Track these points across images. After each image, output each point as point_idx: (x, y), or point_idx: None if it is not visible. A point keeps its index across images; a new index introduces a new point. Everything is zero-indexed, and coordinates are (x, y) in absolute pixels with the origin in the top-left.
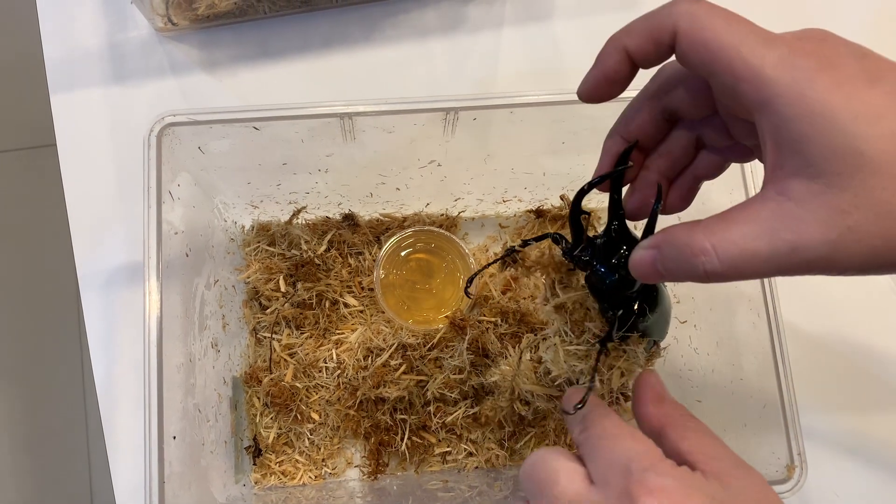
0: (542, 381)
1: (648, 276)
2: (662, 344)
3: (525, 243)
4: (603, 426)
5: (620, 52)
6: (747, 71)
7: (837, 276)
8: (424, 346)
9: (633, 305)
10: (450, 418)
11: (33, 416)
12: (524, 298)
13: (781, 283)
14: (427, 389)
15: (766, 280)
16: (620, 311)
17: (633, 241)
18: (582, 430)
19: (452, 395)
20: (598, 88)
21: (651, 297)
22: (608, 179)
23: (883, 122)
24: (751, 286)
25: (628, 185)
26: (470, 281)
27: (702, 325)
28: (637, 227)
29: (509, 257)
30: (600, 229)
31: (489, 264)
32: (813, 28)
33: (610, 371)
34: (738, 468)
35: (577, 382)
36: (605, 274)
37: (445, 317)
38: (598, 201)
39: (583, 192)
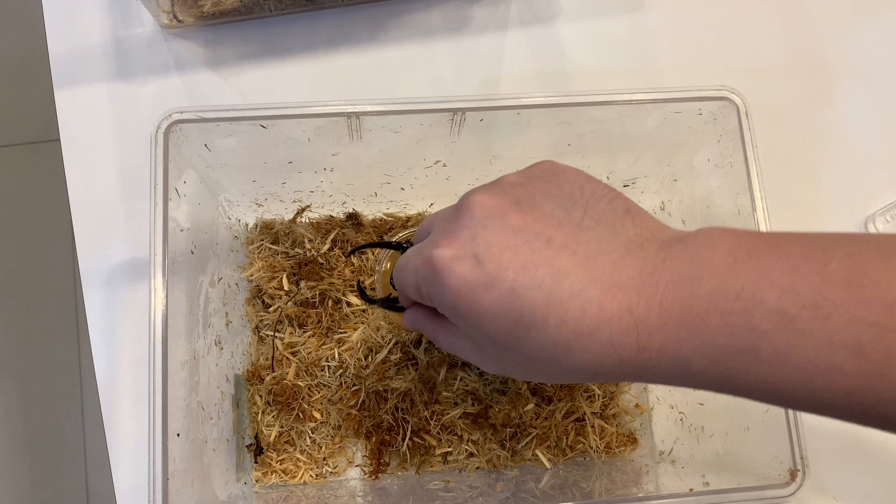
0: None
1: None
2: None
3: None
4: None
5: None
6: None
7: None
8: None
9: None
10: (446, 418)
11: (30, 413)
12: None
13: None
14: (424, 388)
15: None
16: None
17: None
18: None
19: (451, 396)
20: None
21: None
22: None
23: (498, 321)
24: None
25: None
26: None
27: None
28: None
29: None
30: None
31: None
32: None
33: None
34: None
35: None
36: None
37: None
38: None
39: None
